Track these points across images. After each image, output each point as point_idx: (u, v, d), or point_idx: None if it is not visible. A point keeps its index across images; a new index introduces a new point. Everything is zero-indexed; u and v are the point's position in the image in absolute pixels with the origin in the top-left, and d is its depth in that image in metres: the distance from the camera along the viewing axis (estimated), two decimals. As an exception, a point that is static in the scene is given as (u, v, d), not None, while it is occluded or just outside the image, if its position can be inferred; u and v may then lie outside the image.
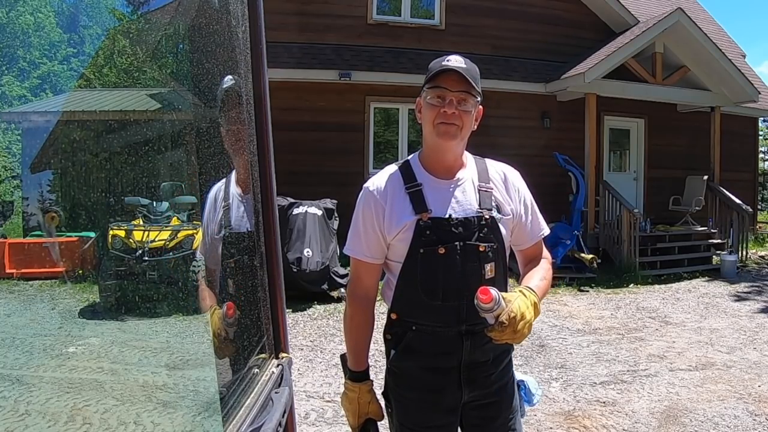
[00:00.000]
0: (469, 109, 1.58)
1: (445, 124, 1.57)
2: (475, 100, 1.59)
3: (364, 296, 1.71)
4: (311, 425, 3.61)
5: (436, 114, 1.57)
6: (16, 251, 2.32)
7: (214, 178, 1.63)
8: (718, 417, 3.75)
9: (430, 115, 1.59)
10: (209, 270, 1.72)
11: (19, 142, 2.39)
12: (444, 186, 1.63)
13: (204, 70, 1.35)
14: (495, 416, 1.68)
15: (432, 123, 1.59)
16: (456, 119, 1.56)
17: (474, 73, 1.58)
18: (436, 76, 1.57)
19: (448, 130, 1.57)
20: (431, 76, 1.59)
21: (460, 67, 1.56)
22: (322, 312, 6.67)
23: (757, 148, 14.16)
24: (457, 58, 1.59)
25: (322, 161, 9.10)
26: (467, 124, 1.59)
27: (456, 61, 1.58)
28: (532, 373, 4.56)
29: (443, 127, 1.57)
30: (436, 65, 1.60)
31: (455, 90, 1.55)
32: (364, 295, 1.71)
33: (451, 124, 1.56)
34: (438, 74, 1.57)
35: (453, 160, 1.65)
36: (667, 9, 10.76)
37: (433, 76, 1.58)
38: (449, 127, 1.57)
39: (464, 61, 1.59)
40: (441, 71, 1.56)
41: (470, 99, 1.57)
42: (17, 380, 2.24)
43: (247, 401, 1.05)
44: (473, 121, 1.62)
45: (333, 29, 9.68)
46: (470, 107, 1.58)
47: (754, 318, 6.58)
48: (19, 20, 3.02)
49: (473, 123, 1.62)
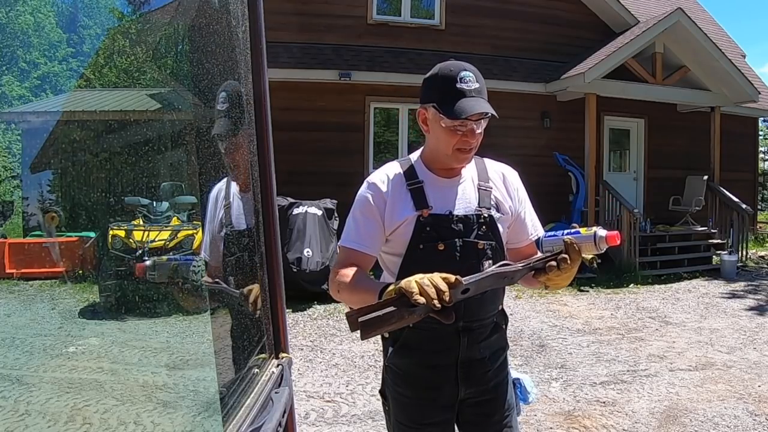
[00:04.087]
0: (482, 128, 1.58)
1: (463, 151, 1.58)
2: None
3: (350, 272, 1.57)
4: (311, 425, 3.62)
5: (457, 140, 1.56)
6: (16, 251, 2.32)
7: (214, 178, 1.63)
8: (718, 417, 3.75)
9: (448, 139, 1.57)
10: (210, 268, 1.72)
11: (19, 142, 2.39)
12: (445, 184, 1.64)
13: (204, 70, 1.35)
14: (491, 413, 1.70)
15: (450, 147, 1.58)
16: (474, 142, 1.58)
17: (485, 89, 1.56)
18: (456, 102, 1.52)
19: (467, 157, 1.60)
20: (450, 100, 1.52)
21: (478, 90, 1.53)
22: (322, 312, 6.67)
23: (757, 148, 14.15)
24: (469, 77, 1.53)
25: (322, 161, 9.10)
26: (479, 140, 1.60)
27: (470, 82, 1.53)
28: (532, 372, 4.56)
29: (462, 154, 1.59)
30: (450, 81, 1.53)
31: (476, 119, 1.54)
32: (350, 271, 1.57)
33: (470, 150, 1.58)
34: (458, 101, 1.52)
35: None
36: (667, 9, 10.76)
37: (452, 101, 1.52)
38: (467, 154, 1.59)
39: (476, 78, 1.54)
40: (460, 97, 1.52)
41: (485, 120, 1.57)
42: (17, 380, 2.24)
43: (247, 401, 1.05)
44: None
45: (333, 29, 9.68)
46: (484, 125, 1.58)
47: (754, 318, 6.58)
48: (19, 20, 3.02)
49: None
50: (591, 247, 1.39)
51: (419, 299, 1.22)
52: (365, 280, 1.53)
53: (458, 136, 1.55)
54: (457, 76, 1.53)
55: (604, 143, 11.04)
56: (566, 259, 1.38)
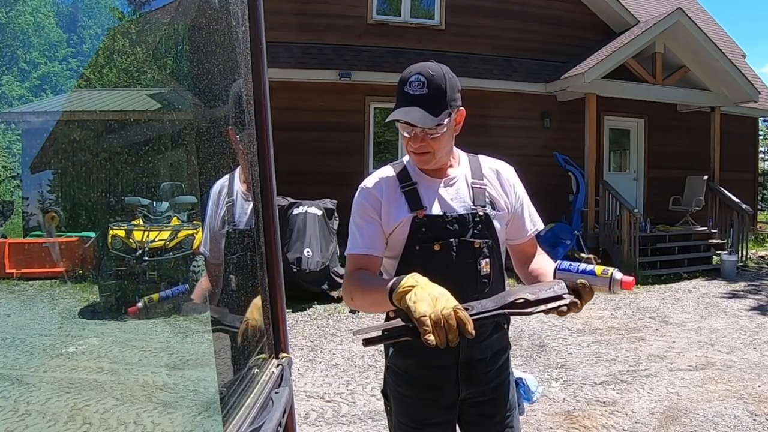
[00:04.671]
0: (438, 135, 1.53)
1: (416, 153, 1.57)
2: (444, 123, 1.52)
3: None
4: (311, 425, 3.62)
5: (406, 143, 1.58)
6: (16, 251, 2.32)
7: (214, 178, 1.63)
8: (718, 417, 3.75)
9: (403, 141, 1.59)
10: (211, 265, 1.72)
11: (19, 142, 2.39)
12: (438, 184, 1.64)
13: (204, 70, 1.35)
14: (492, 413, 1.70)
15: (406, 149, 1.60)
16: (425, 148, 1.55)
17: (437, 95, 1.49)
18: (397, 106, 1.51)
19: (422, 159, 1.59)
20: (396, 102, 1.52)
21: (421, 96, 1.48)
22: (322, 312, 6.67)
23: (757, 148, 14.15)
24: (418, 81, 1.48)
25: (322, 161, 9.10)
26: (439, 147, 1.56)
27: (417, 86, 1.48)
28: (532, 372, 4.56)
29: (416, 156, 1.59)
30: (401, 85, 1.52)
31: (418, 126, 1.50)
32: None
33: (422, 153, 1.56)
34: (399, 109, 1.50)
35: (440, 165, 1.65)
36: (667, 9, 10.76)
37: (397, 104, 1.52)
38: (421, 156, 1.58)
39: (426, 83, 1.48)
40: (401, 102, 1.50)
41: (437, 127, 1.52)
42: (17, 380, 2.24)
43: (247, 401, 1.05)
44: (451, 133, 1.59)
45: (333, 29, 9.68)
46: (439, 132, 1.53)
47: (754, 318, 6.58)
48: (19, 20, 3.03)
49: (452, 132, 1.60)
50: (604, 288, 1.33)
51: (430, 339, 1.22)
52: (374, 279, 1.53)
53: (407, 140, 1.57)
54: (407, 80, 1.52)
55: (604, 143, 11.04)
56: (576, 304, 1.33)
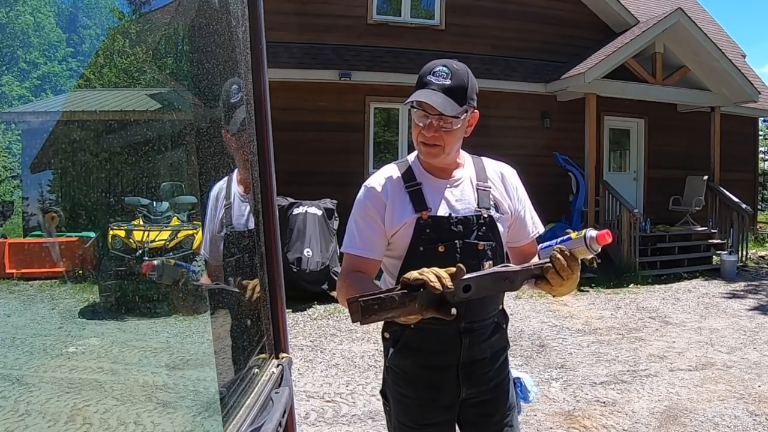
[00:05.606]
0: (451, 129, 1.54)
1: (426, 144, 1.56)
2: (461, 118, 1.54)
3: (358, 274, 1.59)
4: (311, 425, 3.62)
5: (418, 133, 1.57)
6: (16, 251, 2.32)
7: (214, 178, 1.63)
8: (718, 417, 3.75)
9: (414, 131, 1.59)
10: (211, 267, 1.72)
11: (19, 142, 2.39)
12: (443, 185, 1.63)
13: (204, 70, 1.35)
14: (492, 413, 1.70)
15: (416, 140, 1.59)
16: (437, 140, 1.55)
17: (459, 88, 1.52)
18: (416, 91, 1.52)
19: (430, 151, 1.57)
20: (416, 89, 1.54)
21: (444, 85, 1.50)
22: (322, 312, 6.67)
23: (757, 148, 14.15)
24: (442, 72, 1.52)
25: (322, 161, 9.10)
26: (450, 142, 1.56)
27: (440, 76, 1.51)
28: (532, 372, 4.56)
29: (425, 147, 1.58)
30: (423, 75, 1.54)
31: (435, 113, 1.51)
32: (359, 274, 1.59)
33: (432, 145, 1.56)
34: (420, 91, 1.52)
35: (447, 165, 1.65)
36: (667, 9, 10.76)
37: (416, 91, 1.53)
38: (431, 149, 1.57)
39: (450, 75, 1.51)
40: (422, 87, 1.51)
41: (453, 119, 1.53)
42: (17, 380, 2.24)
43: (247, 401, 1.05)
44: (463, 132, 1.60)
45: (333, 29, 9.68)
46: (454, 126, 1.54)
47: (754, 318, 6.58)
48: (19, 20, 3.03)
49: (464, 132, 1.61)
50: (584, 249, 1.36)
51: (419, 277, 1.21)
52: (369, 286, 1.51)
53: (419, 129, 1.56)
54: (432, 70, 1.53)
55: (604, 143, 11.04)
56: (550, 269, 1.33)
